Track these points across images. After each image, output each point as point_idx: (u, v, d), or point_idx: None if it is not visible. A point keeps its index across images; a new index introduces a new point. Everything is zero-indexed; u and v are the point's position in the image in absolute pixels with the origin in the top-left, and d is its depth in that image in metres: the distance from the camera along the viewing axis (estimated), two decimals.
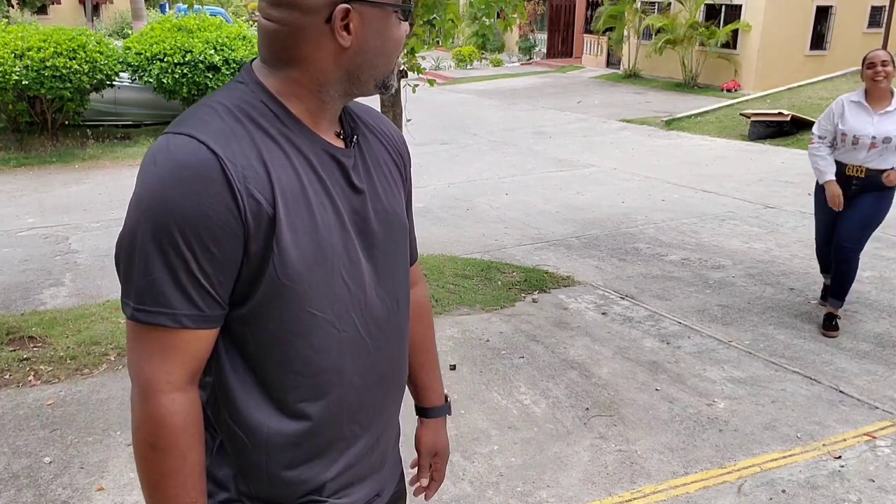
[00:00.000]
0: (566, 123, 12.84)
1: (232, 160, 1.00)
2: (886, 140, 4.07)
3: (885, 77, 4.05)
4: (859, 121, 4.14)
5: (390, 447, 1.31)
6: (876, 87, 4.09)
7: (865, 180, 4.18)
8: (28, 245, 6.04)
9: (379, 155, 1.21)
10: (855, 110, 4.18)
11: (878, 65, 4.05)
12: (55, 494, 2.81)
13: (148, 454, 1.04)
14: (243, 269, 1.04)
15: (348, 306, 1.11)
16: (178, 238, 0.98)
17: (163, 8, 22.72)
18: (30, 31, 9.50)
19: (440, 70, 21.22)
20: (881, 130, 4.08)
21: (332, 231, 1.08)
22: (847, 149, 4.19)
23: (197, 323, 1.02)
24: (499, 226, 6.66)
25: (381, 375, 1.19)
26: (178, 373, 1.03)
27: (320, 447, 1.15)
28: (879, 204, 4.23)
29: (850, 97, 4.25)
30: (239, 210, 0.99)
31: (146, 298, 1.00)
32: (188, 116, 1.05)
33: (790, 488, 2.89)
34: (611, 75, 20.12)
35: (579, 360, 3.98)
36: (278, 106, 1.07)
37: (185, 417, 1.04)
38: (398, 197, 1.23)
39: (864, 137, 4.10)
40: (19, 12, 23.04)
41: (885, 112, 4.12)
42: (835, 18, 17.41)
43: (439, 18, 5.31)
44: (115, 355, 3.92)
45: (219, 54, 10.10)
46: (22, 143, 9.82)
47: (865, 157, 4.14)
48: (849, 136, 4.15)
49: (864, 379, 3.78)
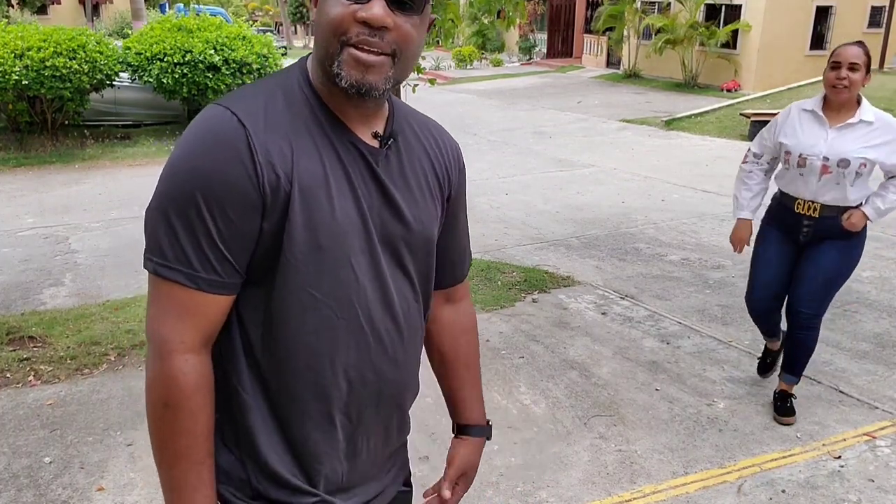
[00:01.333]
0: (566, 123, 12.84)
1: (259, 135, 1.03)
2: (843, 163, 3.03)
3: (848, 86, 3.02)
4: (809, 135, 3.13)
5: (392, 449, 1.30)
6: (836, 97, 3.06)
7: (821, 223, 3.15)
8: (28, 245, 6.03)
9: (419, 164, 1.20)
10: (806, 121, 3.17)
11: (843, 66, 3.01)
12: (55, 494, 2.81)
13: (160, 412, 1.07)
14: (259, 247, 1.06)
15: (352, 294, 1.12)
16: (202, 202, 1.02)
17: (163, 8, 22.71)
18: (30, 31, 9.49)
19: (440, 70, 21.23)
20: (836, 150, 3.05)
21: (349, 221, 1.10)
22: (793, 174, 3.17)
23: (213, 287, 1.05)
24: (499, 226, 6.66)
25: (379, 371, 1.18)
26: (191, 334, 1.06)
27: (309, 434, 1.15)
28: (845, 258, 3.19)
29: (803, 104, 3.24)
30: (258, 180, 1.02)
31: (168, 255, 1.04)
32: (235, 92, 1.11)
33: (790, 488, 2.89)
34: (611, 75, 20.13)
35: (579, 360, 3.98)
36: (313, 93, 1.11)
37: (198, 378, 1.06)
38: (430, 210, 1.21)
39: (813, 158, 3.08)
40: (19, 12, 23.05)
41: (844, 126, 3.08)
42: (835, 18, 17.42)
43: (439, 18, 5.31)
44: (115, 355, 3.92)
45: (219, 54, 10.10)
46: (22, 143, 9.82)
47: (818, 187, 3.11)
48: (793, 156, 3.14)
49: (863, 379, 3.78)
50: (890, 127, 3.09)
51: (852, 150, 3.04)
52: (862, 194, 3.13)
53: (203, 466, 1.08)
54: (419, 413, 2.70)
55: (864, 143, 3.05)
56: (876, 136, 3.06)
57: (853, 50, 3.02)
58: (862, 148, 3.04)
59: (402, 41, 1.05)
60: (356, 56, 1.03)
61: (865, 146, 3.04)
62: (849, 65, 3.00)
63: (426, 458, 2.95)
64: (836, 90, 3.03)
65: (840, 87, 3.02)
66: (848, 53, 3.02)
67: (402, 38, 1.04)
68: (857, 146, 3.04)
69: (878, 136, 3.06)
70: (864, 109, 3.11)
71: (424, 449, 3.03)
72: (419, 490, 1.51)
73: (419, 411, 2.73)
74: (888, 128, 3.08)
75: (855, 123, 3.07)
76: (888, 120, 3.12)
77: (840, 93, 3.03)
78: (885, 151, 3.06)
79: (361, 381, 1.16)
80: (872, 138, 3.05)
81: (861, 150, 3.04)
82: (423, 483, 1.52)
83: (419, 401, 2.15)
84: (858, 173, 3.05)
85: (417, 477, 1.66)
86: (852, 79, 3.01)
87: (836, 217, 3.13)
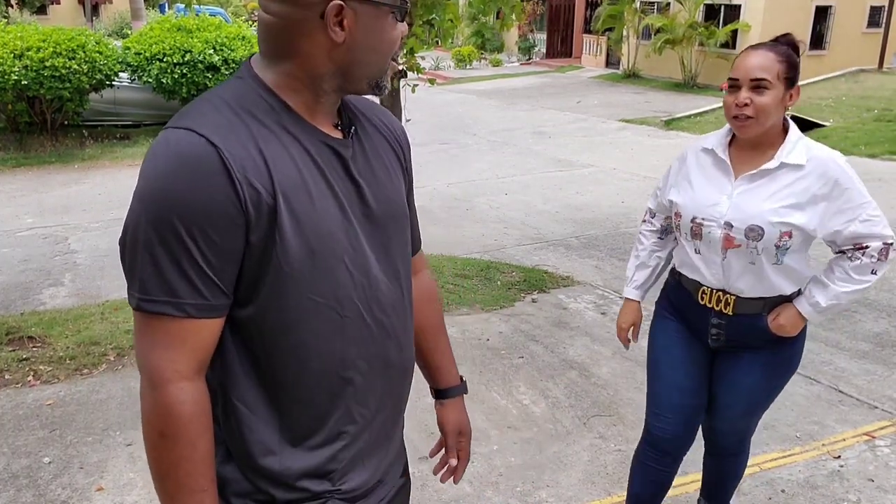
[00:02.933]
0: (566, 123, 12.84)
1: (231, 151, 1.02)
2: (754, 232, 1.97)
3: (754, 116, 1.94)
4: (705, 189, 2.07)
5: (396, 435, 1.32)
6: (740, 132, 2.00)
7: (736, 325, 2.10)
8: (27, 245, 6.03)
9: (378, 145, 1.24)
10: (705, 167, 2.10)
11: (743, 87, 1.95)
12: (55, 494, 2.81)
13: (158, 443, 1.06)
14: (246, 260, 1.06)
15: (351, 292, 1.13)
16: (181, 229, 1.00)
17: (162, 8, 22.72)
18: (29, 32, 9.50)
19: (440, 70, 21.22)
20: (744, 211, 1.99)
21: (334, 219, 1.11)
22: (688, 248, 2.13)
23: (202, 312, 1.04)
24: (498, 226, 6.67)
25: (386, 361, 1.20)
26: (184, 362, 1.05)
27: (329, 434, 1.16)
28: (776, 377, 2.18)
29: (702, 143, 2.14)
30: (239, 199, 1.02)
31: (151, 288, 1.03)
32: (187, 112, 1.08)
33: (789, 488, 2.89)
34: (610, 75, 20.13)
35: (579, 360, 3.98)
36: (275, 98, 1.10)
37: (194, 406, 1.06)
38: (398, 185, 1.25)
39: (711, 225, 2.03)
40: (18, 12, 23.04)
41: (758, 173, 2.00)
42: (834, 18, 17.42)
43: (438, 18, 5.32)
44: (115, 355, 3.92)
45: (218, 54, 10.10)
46: (21, 144, 9.82)
47: (725, 269, 2.05)
48: (684, 220, 2.09)
49: (863, 379, 3.78)
50: (829, 174, 1.93)
51: (767, 212, 1.94)
52: (795, 279, 2.04)
53: (205, 494, 1.08)
54: (419, 413, 2.70)
55: (787, 201, 1.94)
56: (807, 189, 1.94)
57: (756, 59, 1.93)
58: (783, 208, 1.93)
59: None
60: (394, 66, 1.17)
61: (788, 205, 1.94)
62: (751, 83, 1.92)
63: (426, 458, 2.95)
64: (738, 122, 1.95)
65: (742, 119, 1.93)
66: (749, 65, 1.93)
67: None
68: (774, 204, 1.94)
69: (810, 189, 1.94)
70: (792, 146, 1.97)
71: (424, 449, 3.02)
72: (417, 491, 1.51)
73: (419, 411, 2.74)
74: (826, 176, 1.93)
75: (773, 170, 1.96)
76: (829, 163, 1.94)
77: (744, 126, 1.95)
78: (819, 212, 1.94)
79: (371, 371, 1.18)
80: (801, 192, 1.94)
81: (781, 212, 1.93)
82: (423, 483, 1.52)
83: (419, 401, 2.15)
84: (781, 247, 1.96)
85: (417, 477, 1.66)
86: (759, 104, 1.90)
87: (758, 316, 2.06)
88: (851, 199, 1.94)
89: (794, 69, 1.94)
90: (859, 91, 13.91)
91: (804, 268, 2.05)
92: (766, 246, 1.96)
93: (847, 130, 10.81)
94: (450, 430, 1.49)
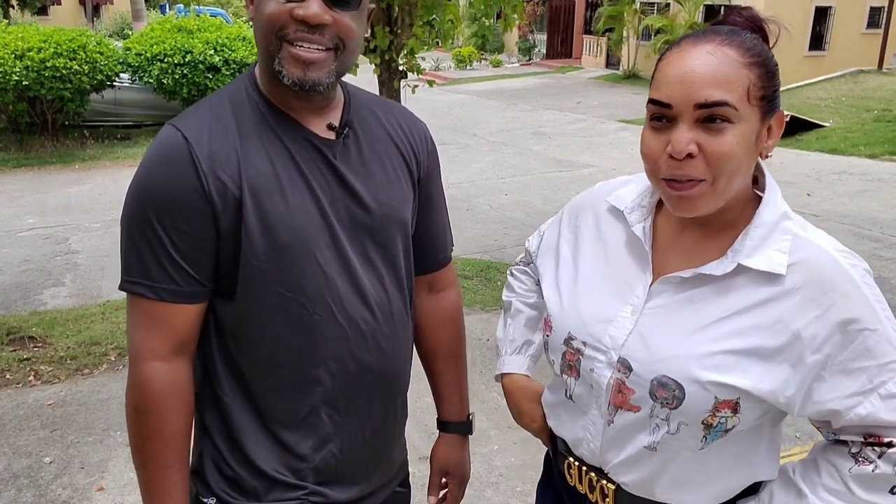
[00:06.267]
0: (566, 124, 12.85)
1: (201, 145, 1.06)
2: (664, 391, 0.99)
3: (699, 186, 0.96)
4: (600, 287, 1.12)
5: (387, 445, 1.29)
6: (676, 208, 1.00)
7: None
8: (28, 245, 6.04)
9: (381, 148, 1.21)
10: (609, 245, 1.15)
11: (681, 119, 0.95)
12: (55, 494, 2.81)
13: (132, 416, 1.12)
14: (221, 249, 1.09)
15: (322, 289, 1.13)
16: (153, 218, 1.06)
17: (163, 9, 22.74)
18: (30, 32, 9.50)
19: (440, 71, 21.24)
20: (653, 346, 1.01)
21: (308, 216, 1.11)
22: (557, 383, 1.18)
23: (175, 297, 1.09)
24: (498, 226, 6.67)
25: (362, 364, 1.18)
26: (159, 343, 1.10)
27: (301, 429, 1.17)
28: None
29: (614, 195, 1.20)
30: (203, 189, 1.05)
31: (132, 271, 1.09)
32: (189, 108, 1.14)
33: None
34: (610, 76, 20.14)
35: None
36: (260, 96, 1.13)
37: (166, 385, 1.10)
38: (397, 189, 1.22)
39: (595, 355, 1.07)
40: (19, 13, 23.06)
41: (693, 277, 1.01)
42: (834, 19, 17.44)
43: (439, 19, 5.32)
44: (116, 355, 3.93)
45: (219, 55, 10.11)
46: (22, 144, 9.83)
47: (605, 435, 1.09)
48: (556, 333, 1.13)
49: None
50: (831, 297, 0.95)
51: (696, 357, 0.99)
52: (735, 472, 1.08)
53: (173, 470, 1.11)
54: (419, 413, 2.71)
55: (738, 341, 0.98)
56: (781, 320, 0.97)
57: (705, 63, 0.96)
58: (728, 355, 0.98)
59: (343, 34, 1.06)
60: (296, 54, 1.03)
61: (739, 349, 0.98)
62: (696, 111, 0.95)
63: (426, 458, 2.95)
64: (676, 189, 0.99)
65: (682, 182, 0.98)
66: (693, 76, 0.95)
67: (344, 31, 1.06)
68: (712, 344, 0.99)
69: (788, 321, 0.96)
70: (765, 233, 1.00)
71: (424, 449, 3.03)
72: (417, 491, 1.51)
73: (419, 411, 2.74)
74: (826, 301, 0.95)
75: (722, 277, 1.01)
76: (833, 275, 0.96)
77: (688, 199, 0.98)
78: (803, 371, 0.97)
79: (345, 372, 1.17)
80: (768, 326, 0.97)
81: (723, 362, 0.98)
82: (423, 483, 1.52)
83: (419, 401, 2.15)
84: (714, 427, 1.00)
85: (417, 476, 1.66)
86: (716, 152, 0.95)
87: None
88: (871, 352, 0.95)
89: (770, 77, 1.01)
90: (859, 91, 13.90)
91: (759, 455, 1.10)
92: (685, 420, 1.00)
93: (847, 131, 10.81)
94: (434, 467, 1.43)
